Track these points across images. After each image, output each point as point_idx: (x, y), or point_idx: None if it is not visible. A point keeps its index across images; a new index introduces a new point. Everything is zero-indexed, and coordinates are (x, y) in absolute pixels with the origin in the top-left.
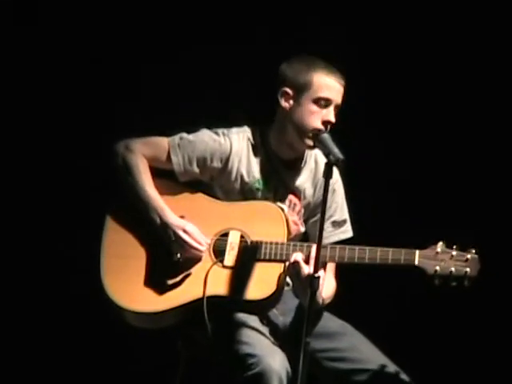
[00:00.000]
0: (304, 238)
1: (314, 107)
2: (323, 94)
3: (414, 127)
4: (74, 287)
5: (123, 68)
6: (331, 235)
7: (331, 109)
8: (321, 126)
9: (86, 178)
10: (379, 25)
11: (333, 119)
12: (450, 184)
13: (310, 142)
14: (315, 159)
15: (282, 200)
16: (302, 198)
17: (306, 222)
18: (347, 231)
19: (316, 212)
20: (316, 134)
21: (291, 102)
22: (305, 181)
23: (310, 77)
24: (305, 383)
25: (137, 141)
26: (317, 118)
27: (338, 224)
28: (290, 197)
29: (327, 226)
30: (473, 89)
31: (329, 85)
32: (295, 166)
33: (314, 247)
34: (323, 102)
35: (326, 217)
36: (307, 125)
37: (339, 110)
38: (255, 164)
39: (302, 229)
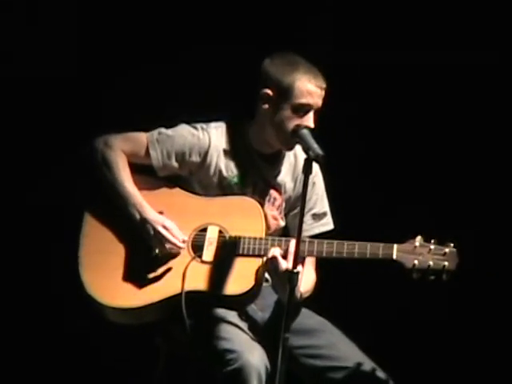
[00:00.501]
0: (284, 232)
1: (294, 113)
2: (304, 100)
3: (394, 121)
4: (52, 283)
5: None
6: (312, 228)
7: (311, 114)
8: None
9: (64, 174)
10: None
11: (312, 125)
12: (429, 178)
13: (288, 146)
14: (294, 153)
15: (262, 194)
16: (283, 192)
17: (286, 215)
18: (328, 223)
19: (296, 205)
20: (296, 130)
21: (272, 103)
22: (284, 175)
23: (293, 82)
24: (283, 379)
25: (115, 136)
26: (295, 123)
27: (318, 216)
28: (270, 191)
29: (307, 218)
30: (456, 82)
31: (310, 91)
32: (274, 160)
33: (292, 242)
34: (304, 108)
35: (306, 210)
36: (286, 129)
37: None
38: (234, 159)
39: (282, 223)
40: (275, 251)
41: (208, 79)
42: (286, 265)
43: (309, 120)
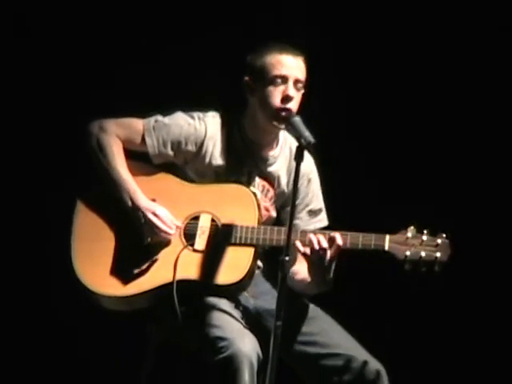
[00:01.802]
0: (276, 223)
1: (272, 87)
2: (277, 71)
3: (389, 114)
4: (45, 272)
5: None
6: (308, 224)
7: (289, 84)
8: (282, 104)
9: (58, 159)
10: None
11: (291, 93)
12: (421, 170)
13: (278, 124)
14: (290, 147)
15: (256, 184)
16: (276, 186)
17: (281, 210)
18: (323, 220)
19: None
20: (287, 118)
21: (253, 88)
22: (279, 168)
23: (264, 59)
24: (276, 367)
25: (111, 121)
26: (277, 96)
27: (314, 213)
28: (263, 182)
29: (304, 215)
30: (448, 77)
31: (282, 61)
32: (270, 152)
33: (335, 234)
34: (279, 80)
35: (302, 206)
36: (270, 106)
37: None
38: (229, 148)
39: (274, 214)
40: (322, 241)
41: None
42: (329, 255)
43: (287, 89)
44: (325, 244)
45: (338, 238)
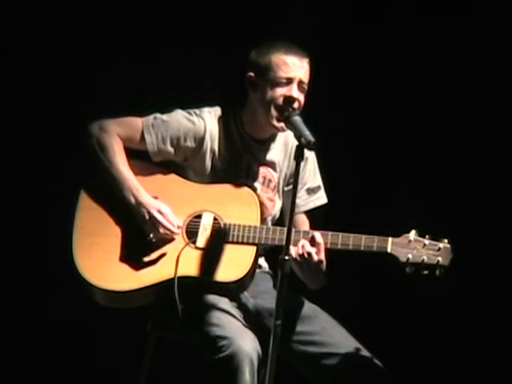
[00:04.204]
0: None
1: (276, 88)
2: (282, 73)
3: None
4: (46, 264)
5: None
6: (307, 202)
7: (293, 86)
8: (284, 105)
9: (60, 157)
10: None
11: (295, 95)
12: (426, 173)
13: (278, 125)
14: (286, 133)
15: (256, 177)
16: (278, 172)
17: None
18: (322, 197)
19: (291, 181)
20: (287, 117)
21: (256, 85)
22: (278, 153)
23: (269, 58)
24: (275, 366)
25: (111, 121)
26: (280, 97)
27: (312, 191)
28: (265, 173)
29: (302, 194)
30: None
31: (287, 63)
32: (267, 142)
33: (316, 233)
34: (284, 81)
35: (300, 185)
36: (273, 106)
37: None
38: (228, 142)
39: (279, 203)
40: (307, 246)
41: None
42: (317, 257)
43: (291, 90)
44: (308, 248)
45: (318, 236)
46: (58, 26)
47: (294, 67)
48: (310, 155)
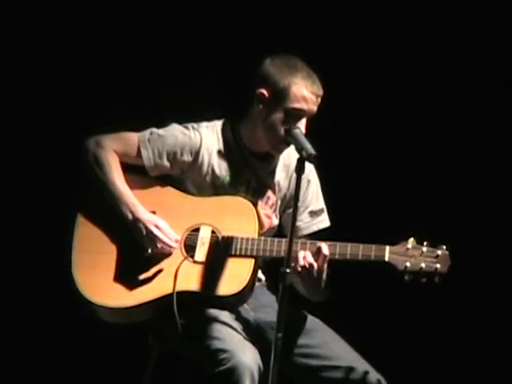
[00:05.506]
0: (279, 230)
1: (287, 117)
2: (298, 105)
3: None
4: (45, 283)
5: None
6: (310, 225)
7: (304, 120)
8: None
9: (57, 174)
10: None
11: (303, 129)
12: (423, 181)
13: (278, 149)
14: (288, 151)
15: (255, 193)
16: (277, 191)
17: (282, 213)
18: (325, 220)
19: (291, 204)
20: (288, 130)
21: (266, 104)
22: (279, 173)
23: (289, 85)
24: (276, 379)
25: (107, 137)
26: (287, 125)
27: (315, 214)
28: (264, 190)
29: (305, 216)
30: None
31: (306, 97)
32: (268, 158)
33: (322, 244)
34: (297, 113)
35: (303, 208)
36: (277, 132)
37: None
38: (226, 157)
39: (276, 222)
40: (308, 257)
41: (195, 78)
42: (318, 268)
43: (301, 127)
44: (310, 259)
45: (325, 248)
46: (57, 28)
47: (311, 102)
48: (313, 178)
